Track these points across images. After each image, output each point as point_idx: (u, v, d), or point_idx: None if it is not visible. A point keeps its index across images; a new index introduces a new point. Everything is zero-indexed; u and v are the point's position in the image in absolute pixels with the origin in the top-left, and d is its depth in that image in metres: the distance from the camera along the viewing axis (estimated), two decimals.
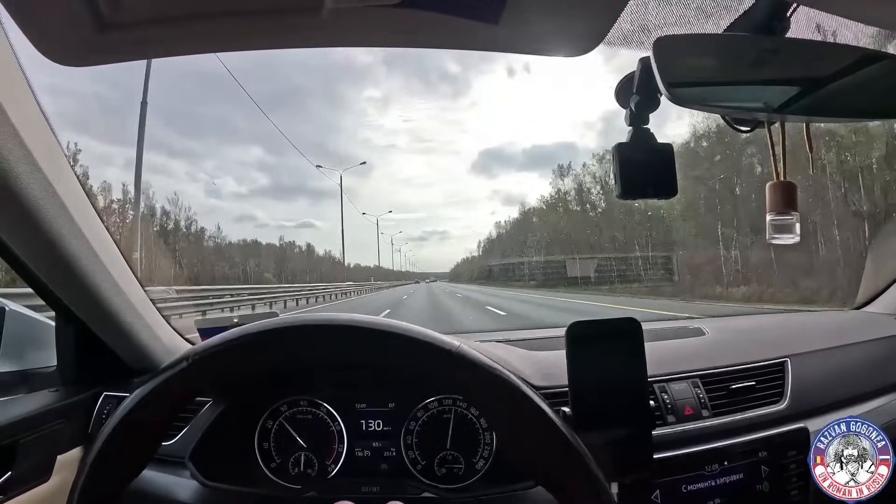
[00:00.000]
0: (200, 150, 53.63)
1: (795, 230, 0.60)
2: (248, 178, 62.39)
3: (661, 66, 0.53)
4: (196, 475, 0.76)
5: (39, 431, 0.76)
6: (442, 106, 77.38)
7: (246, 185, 61.09)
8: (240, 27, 0.49)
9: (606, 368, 0.67)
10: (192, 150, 52.99)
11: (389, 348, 0.55)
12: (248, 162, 60.79)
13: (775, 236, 0.60)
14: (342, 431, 0.86)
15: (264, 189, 55.81)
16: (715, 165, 18.49)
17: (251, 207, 57.93)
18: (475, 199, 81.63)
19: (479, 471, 0.84)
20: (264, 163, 60.01)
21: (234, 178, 60.35)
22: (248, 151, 63.11)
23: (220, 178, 55.59)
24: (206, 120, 54.43)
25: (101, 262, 0.73)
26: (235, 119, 57.75)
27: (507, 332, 1.20)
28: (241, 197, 55.96)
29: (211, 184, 52.14)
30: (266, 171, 62.43)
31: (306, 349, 0.58)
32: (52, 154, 0.63)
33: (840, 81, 0.58)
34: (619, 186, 0.62)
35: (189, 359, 0.57)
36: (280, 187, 59.03)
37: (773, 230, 0.60)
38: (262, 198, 61.12)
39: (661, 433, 0.82)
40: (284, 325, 0.58)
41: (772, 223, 0.60)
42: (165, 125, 49.89)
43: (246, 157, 62.22)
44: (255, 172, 63.79)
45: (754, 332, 1.19)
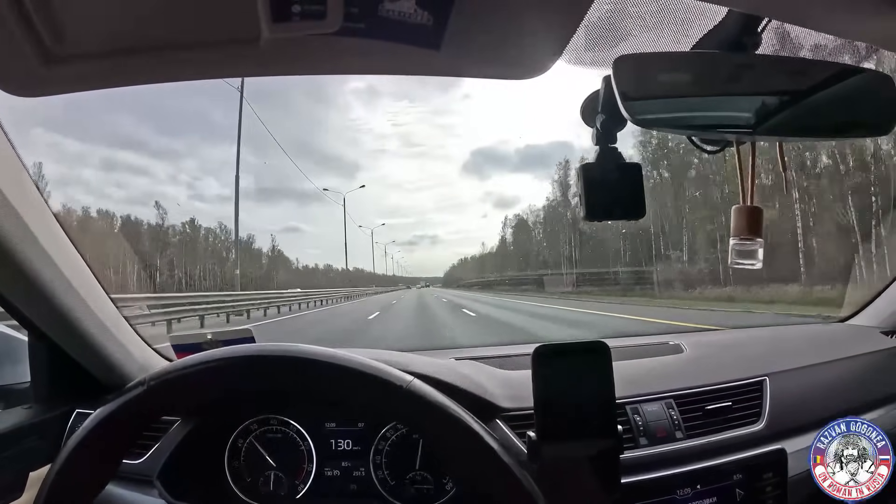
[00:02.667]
0: (180, 148, 53.01)
1: (758, 256, 0.59)
2: (232, 179, 61.92)
3: (622, 87, 0.52)
4: (164, 494, 0.77)
5: (12, 449, 0.77)
6: (433, 106, 77.06)
7: (230, 187, 60.44)
8: (181, 58, 0.50)
9: (573, 391, 0.66)
10: (170, 149, 52.47)
11: (342, 382, 0.56)
12: (230, 162, 60.33)
13: (738, 261, 0.59)
14: (311, 450, 0.86)
15: (247, 191, 55.39)
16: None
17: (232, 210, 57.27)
18: (466, 202, 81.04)
19: (448, 491, 0.83)
20: (247, 163, 59.56)
21: (217, 179, 59.46)
22: (231, 151, 62.47)
23: (201, 180, 55.18)
24: (185, 116, 53.82)
25: (67, 281, 0.73)
26: (216, 116, 57.08)
27: (483, 349, 1.19)
28: (225, 199, 55.38)
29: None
30: (249, 171, 61.96)
31: (261, 379, 0.59)
32: (12, 168, 0.64)
33: (812, 98, 0.57)
34: (584, 208, 0.61)
35: (145, 384, 0.59)
36: (263, 189, 58.43)
37: (736, 255, 0.60)
38: (245, 200, 60.54)
39: (632, 456, 0.80)
40: (240, 355, 0.59)
41: (734, 248, 0.60)
42: (139, 123, 49.07)
43: (230, 157, 61.38)
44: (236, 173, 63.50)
45: (734, 348, 1.17)
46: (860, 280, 1.47)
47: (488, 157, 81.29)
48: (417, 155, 79.32)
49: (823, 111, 0.58)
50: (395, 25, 0.47)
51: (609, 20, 0.63)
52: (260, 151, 47.56)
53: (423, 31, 0.48)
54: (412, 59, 0.51)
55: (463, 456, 0.54)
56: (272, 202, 61.69)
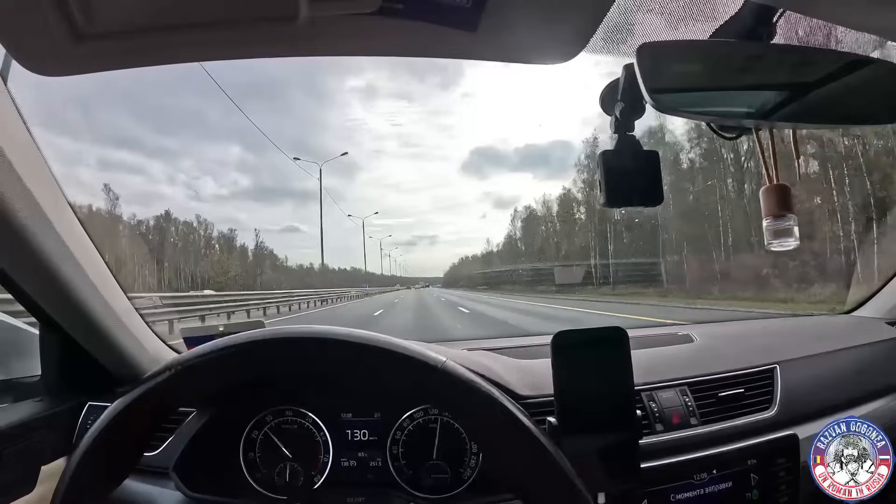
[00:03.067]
0: (176, 147, 51.93)
1: (794, 233, 0.57)
2: (229, 178, 60.38)
3: (645, 73, 0.53)
4: (180, 486, 0.76)
5: (23, 442, 0.75)
6: (432, 105, 76.89)
7: (227, 186, 59.08)
8: (215, 36, 0.49)
9: (592, 377, 0.66)
10: (167, 149, 51.45)
11: (372, 362, 0.55)
12: (227, 161, 58.90)
13: (773, 242, 0.57)
14: (328, 441, 0.86)
15: (246, 191, 54.24)
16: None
17: (233, 210, 56.08)
18: (465, 202, 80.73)
19: (465, 481, 0.83)
20: (245, 162, 58.10)
21: (214, 178, 58.34)
22: (227, 150, 61.05)
23: (199, 178, 54.30)
24: (181, 115, 52.79)
25: (83, 273, 0.73)
26: (211, 114, 55.98)
27: (495, 340, 1.20)
28: (222, 199, 54.19)
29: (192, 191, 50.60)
30: (247, 171, 60.55)
31: (290, 360, 0.58)
32: (31, 160, 0.63)
33: (827, 87, 0.58)
34: (604, 195, 0.62)
35: (173, 368, 0.57)
36: (262, 189, 57.16)
37: (772, 235, 0.57)
38: (244, 200, 59.14)
39: (649, 442, 0.81)
40: (270, 337, 0.58)
41: (769, 228, 0.57)
42: (137, 122, 47.94)
43: (226, 157, 60.19)
44: (234, 173, 62.09)
45: (744, 338, 1.19)
46: (865, 273, 1.48)
47: (488, 157, 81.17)
48: (414, 156, 79.07)
49: (836, 100, 0.59)
50: (434, 6, 0.47)
51: (633, 10, 0.64)
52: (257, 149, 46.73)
53: (461, 12, 0.48)
54: (449, 42, 0.51)
55: (498, 435, 0.53)
56: (270, 202, 60.66)
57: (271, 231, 57.13)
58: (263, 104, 66.51)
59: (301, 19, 0.46)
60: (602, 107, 0.67)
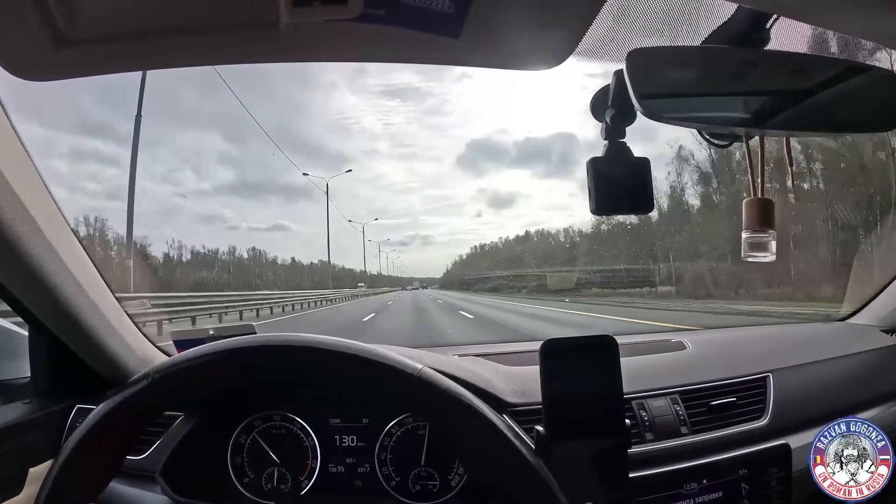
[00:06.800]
0: (152, 138, 49.97)
1: (771, 248, 0.59)
2: (210, 171, 57.51)
3: (635, 79, 0.53)
4: (166, 490, 0.75)
5: (12, 444, 0.75)
6: (425, 105, 76.45)
7: (210, 180, 56.60)
8: (199, 42, 0.49)
9: (580, 386, 0.66)
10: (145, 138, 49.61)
11: (347, 370, 0.55)
12: (208, 152, 56.33)
13: (751, 254, 0.60)
14: (315, 447, 0.85)
15: (231, 185, 52.39)
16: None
17: (218, 207, 54.07)
18: (460, 201, 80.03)
19: (454, 488, 0.83)
20: (226, 154, 55.69)
21: (193, 170, 55.47)
22: (208, 139, 58.20)
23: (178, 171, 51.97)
24: (175, 110, 50.80)
25: (71, 275, 0.72)
26: (189, 101, 53.69)
27: (488, 346, 1.19)
28: (205, 194, 52.08)
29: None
30: (229, 163, 58.30)
31: (267, 368, 0.58)
32: (18, 160, 0.63)
33: (819, 94, 0.57)
34: (593, 201, 0.62)
35: (150, 377, 0.58)
36: (246, 183, 55.10)
37: (749, 248, 0.60)
38: (228, 195, 56.87)
39: (639, 451, 0.80)
40: (247, 345, 0.58)
41: (747, 241, 0.60)
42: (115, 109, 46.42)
43: (207, 147, 57.44)
44: (215, 165, 59.50)
45: (737, 345, 1.18)
46: (860, 279, 1.46)
47: (485, 153, 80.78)
48: (406, 156, 78.87)
49: (830, 107, 0.58)
50: (416, 12, 0.47)
51: (623, 15, 0.64)
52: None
53: (444, 18, 0.48)
54: (430, 48, 0.51)
55: (477, 444, 0.53)
56: (256, 197, 59.04)
57: (259, 230, 55.33)
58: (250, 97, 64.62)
59: (282, 26, 0.46)
60: (592, 113, 0.67)
